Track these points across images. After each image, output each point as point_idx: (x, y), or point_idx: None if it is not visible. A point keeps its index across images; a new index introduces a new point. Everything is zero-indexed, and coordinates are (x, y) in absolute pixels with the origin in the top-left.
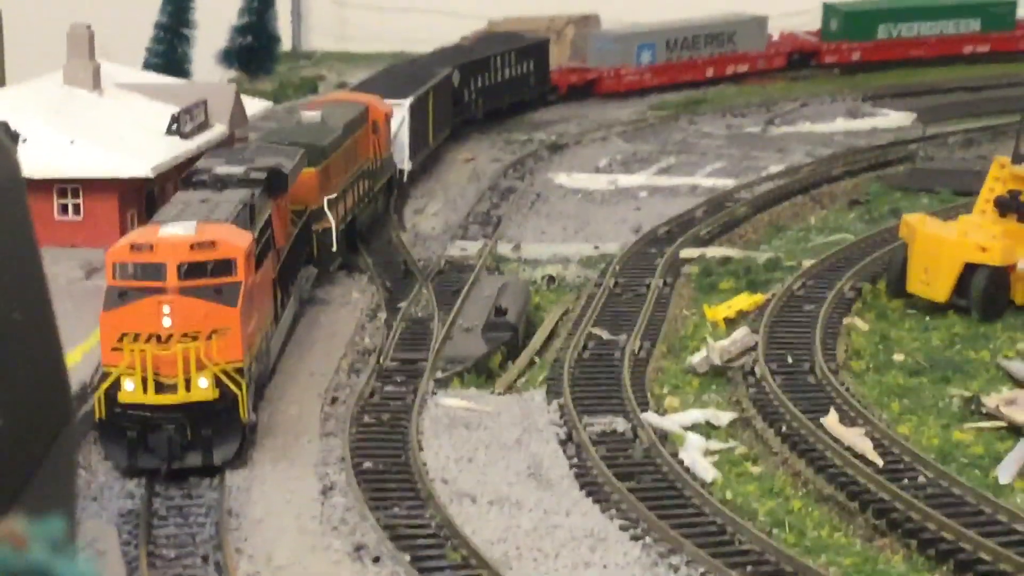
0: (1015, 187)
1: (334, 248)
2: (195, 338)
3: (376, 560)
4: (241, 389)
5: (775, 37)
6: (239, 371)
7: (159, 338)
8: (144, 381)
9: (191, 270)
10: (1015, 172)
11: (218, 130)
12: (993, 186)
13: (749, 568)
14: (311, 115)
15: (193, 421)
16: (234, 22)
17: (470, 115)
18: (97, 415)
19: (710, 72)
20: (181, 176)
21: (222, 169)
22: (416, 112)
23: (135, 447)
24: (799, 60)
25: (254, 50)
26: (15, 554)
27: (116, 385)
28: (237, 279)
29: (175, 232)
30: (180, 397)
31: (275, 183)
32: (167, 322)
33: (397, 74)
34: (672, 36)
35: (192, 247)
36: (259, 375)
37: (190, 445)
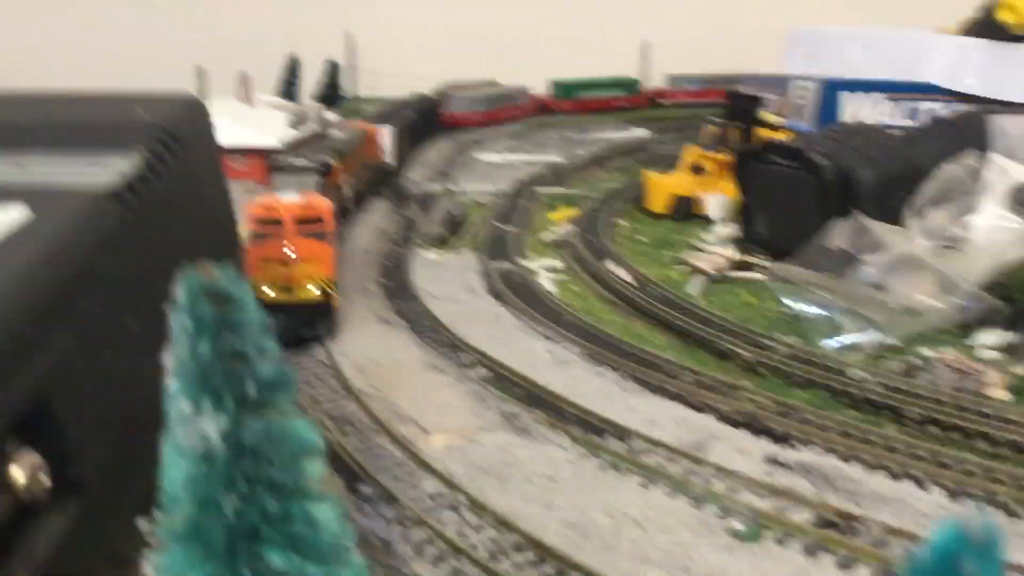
0: (697, 161)
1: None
2: (307, 262)
3: (388, 322)
4: (334, 291)
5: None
6: (333, 283)
7: (284, 263)
8: (278, 288)
9: (301, 222)
10: (698, 152)
11: (312, 127)
12: (688, 160)
13: (567, 326)
14: (339, 132)
15: (308, 313)
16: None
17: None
18: None
19: (508, 116)
20: (271, 164)
21: (297, 162)
22: (396, 134)
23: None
24: (541, 109)
25: (330, 95)
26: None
27: (258, 291)
28: (328, 228)
29: (289, 199)
30: (299, 297)
31: (327, 170)
32: (290, 254)
33: (391, 111)
34: (490, 96)
35: (300, 208)
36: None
37: (306, 327)
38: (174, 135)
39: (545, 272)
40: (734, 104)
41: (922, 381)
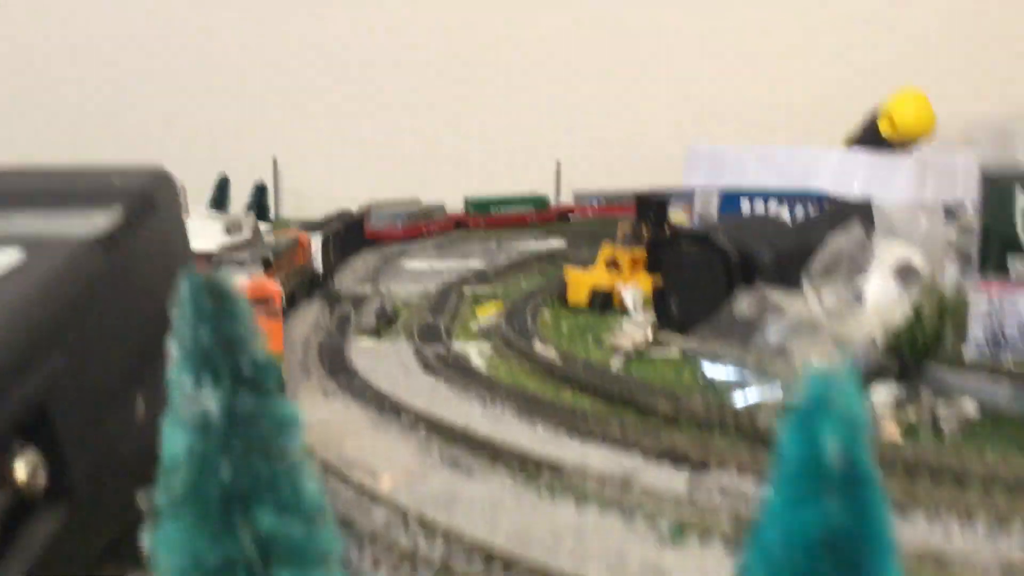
0: (613, 256)
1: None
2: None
3: (330, 393)
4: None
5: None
6: (280, 356)
7: None
8: None
9: (251, 302)
10: (614, 250)
11: (246, 234)
12: (604, 256)
13: (499, 392)
14: (271, 238)
15: None
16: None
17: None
18: None
19: (424, 231)
20: (215, 261)
21: (239, 256)
22: (325, 244)
23: None
24: (457, 225)
25: (259, 216)
26: None
27: None
28: (276, 306)
29: (239, 280)
30: None
31: (267, 264)
32: None
33: (318, 224)
34: (410, 212)
35: (250, 288)
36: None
37: None
38: (147, 196)
39: (476, 354)
40: (643, 205)
41: None
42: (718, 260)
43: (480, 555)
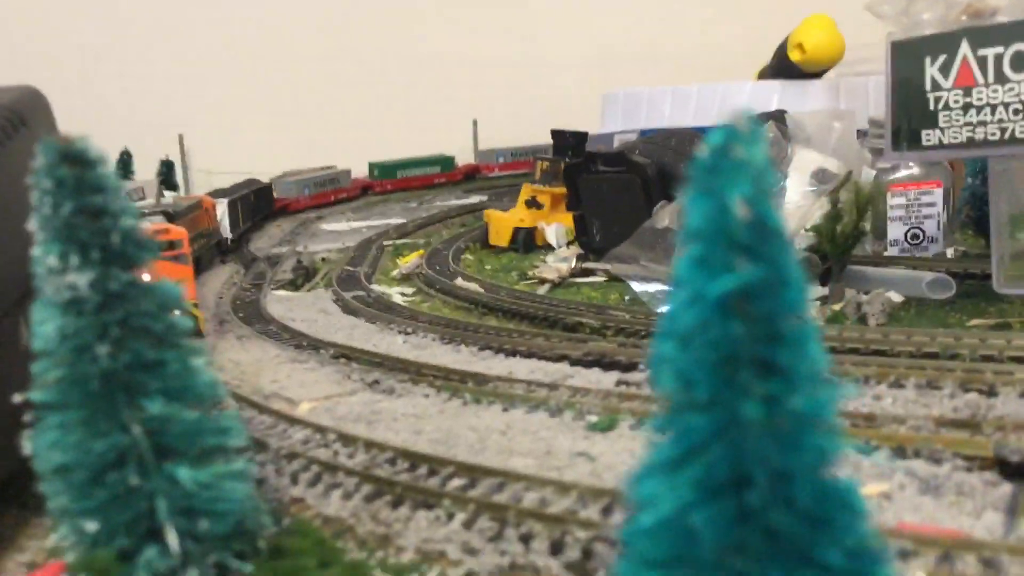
0: (533, 195)
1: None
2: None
3: (246, 337)
4: (196, 310)
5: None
6: (194, 303)
7: None
8: None
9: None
10: (533, 189)
11: (149, 202)
12: (524, 196)
13: (423, 321)
14: (176, 202)
15: None
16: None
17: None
18: None
19: (333, 198)
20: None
21: (144, 206)
22: (232, 207)
23: None
24: (364, 190)
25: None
26: None
27: None
28: (185, 251)
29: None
30: None
31: (171, 216)
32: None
33: (227, 191)
34: (316, 180)
35: (156, 233)
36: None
37: None
38: (15, 112)
39: (399, 295)
40: (560, 140)
41: None
42: (636, 178)
43: (404, 459)
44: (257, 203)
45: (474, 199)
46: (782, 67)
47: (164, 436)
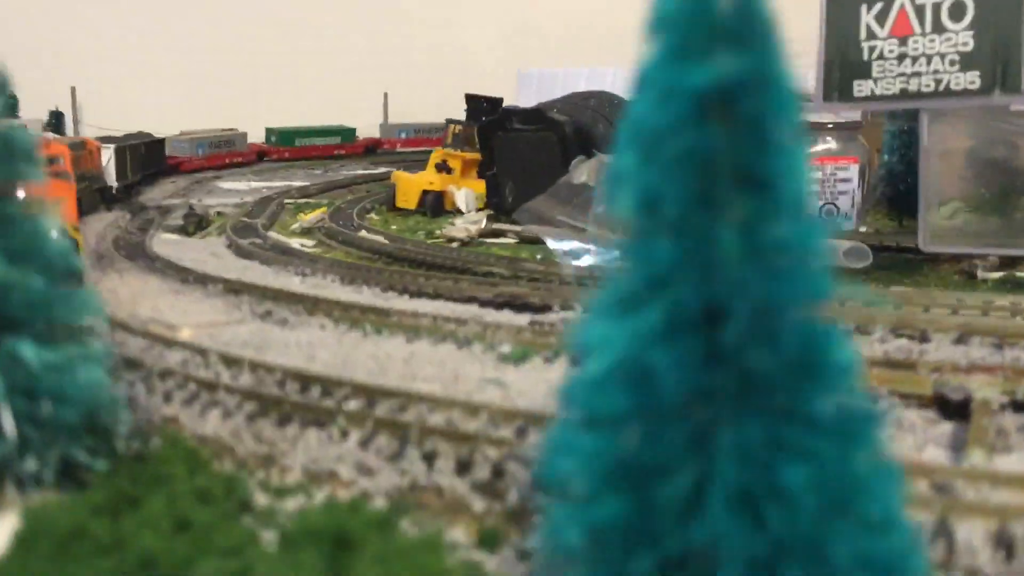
0: (443, 160)
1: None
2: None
3: (125, 271)
4: (77, 234)
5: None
6: (75, 227)
7: None
8: None
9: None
10: (444, 153)
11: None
12: (435, 160)
13: (322, 265)
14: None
15: None
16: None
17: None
18: None
19: (227, 160)
20: None
21: None
22: (119, 155)
23: None
24: (260, 156)
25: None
26: None
27: None
28: (66, 168)
29: None
30: None
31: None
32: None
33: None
34: (211, 140)
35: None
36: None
37: None
38: None
39: (299, 244)
40: (472, 106)
41: None
42: (553, 136)
43: (295, 380)
44: (148, 156)
45: (382, 169)
46: None
47: (4, 304)
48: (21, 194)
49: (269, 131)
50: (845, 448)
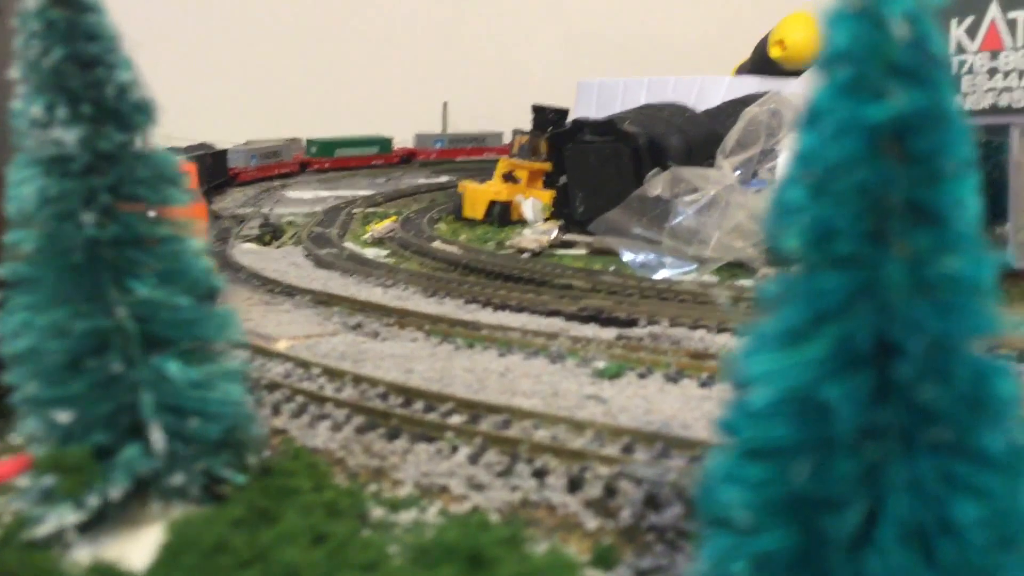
0: (510, 170)
1: None
2: None
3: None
4: None
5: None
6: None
7: None
8: None
9: None
10: (510, 163)
11: None
12: (501, 170)
13: (402, 275)
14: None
15: None
16: None
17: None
18: None
19: (276, 171)
20: None
21: None
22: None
23: None
24: (303, 167)
25: None
26: None
27: None
28: (194, 185)
29: None
30: None
31: None
32: None
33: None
34: (262, 152)
35: None
36: None
37: None
38: None
39: (373, 254)
40: (541, 115)
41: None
42: (626, 148)
43: (397, 395)
44: (214, 167)
45: (444, 178)
46: (761, 63)
47: (153, 323)
48: (152, 213)
49: (310, 143)
50: (1014, 482)
